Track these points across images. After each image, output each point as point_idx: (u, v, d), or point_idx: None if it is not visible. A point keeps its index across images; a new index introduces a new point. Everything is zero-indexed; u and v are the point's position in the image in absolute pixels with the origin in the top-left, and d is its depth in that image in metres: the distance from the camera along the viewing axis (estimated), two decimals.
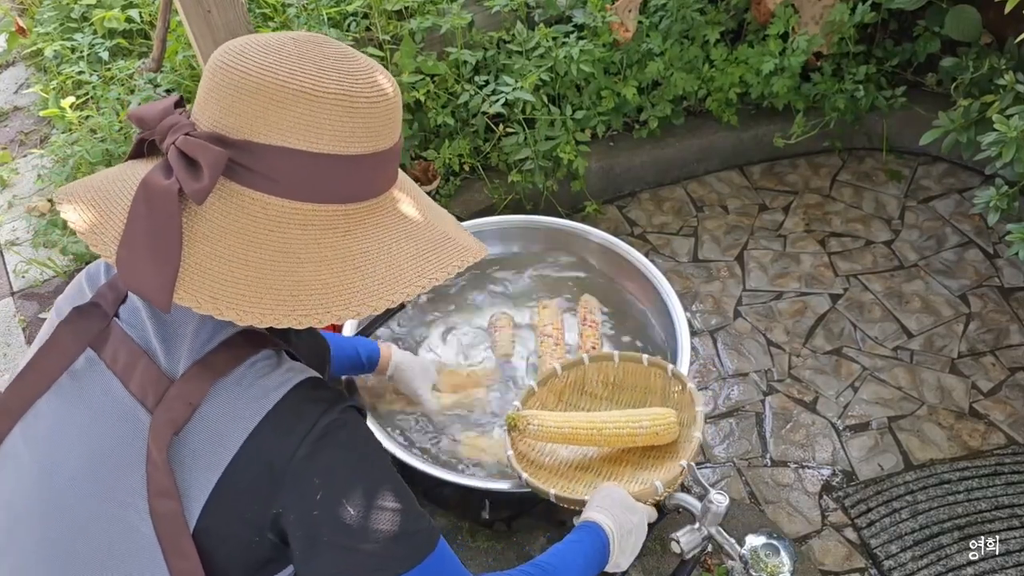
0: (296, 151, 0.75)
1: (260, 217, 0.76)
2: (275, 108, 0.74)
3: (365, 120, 0.77)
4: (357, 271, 0.79)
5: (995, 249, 2.29)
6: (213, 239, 0.76)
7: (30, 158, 2.71)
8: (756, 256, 2.33)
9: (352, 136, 0.77)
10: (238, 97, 0.75)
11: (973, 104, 2.04)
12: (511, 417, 1.35)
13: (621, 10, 2.30)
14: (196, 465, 0.77)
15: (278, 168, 0.75)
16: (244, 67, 0.75)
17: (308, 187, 0.77)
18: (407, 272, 0.81)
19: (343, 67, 0.77)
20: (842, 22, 2.33)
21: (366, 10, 2.29)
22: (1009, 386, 1.97)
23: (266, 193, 0.76)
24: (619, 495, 1.17)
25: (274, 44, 0.77)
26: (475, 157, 2.33)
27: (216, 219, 0.76)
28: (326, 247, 0.78)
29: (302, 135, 0.75)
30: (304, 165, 0.76)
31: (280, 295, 0.76)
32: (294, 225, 0.77)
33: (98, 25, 2.75)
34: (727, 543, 1.17)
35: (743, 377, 2.03)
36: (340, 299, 0.77)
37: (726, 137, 2.54)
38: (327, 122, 0.75)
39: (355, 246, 0.79)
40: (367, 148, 0.79)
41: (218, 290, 0.74)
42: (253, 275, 0.75)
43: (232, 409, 0.78)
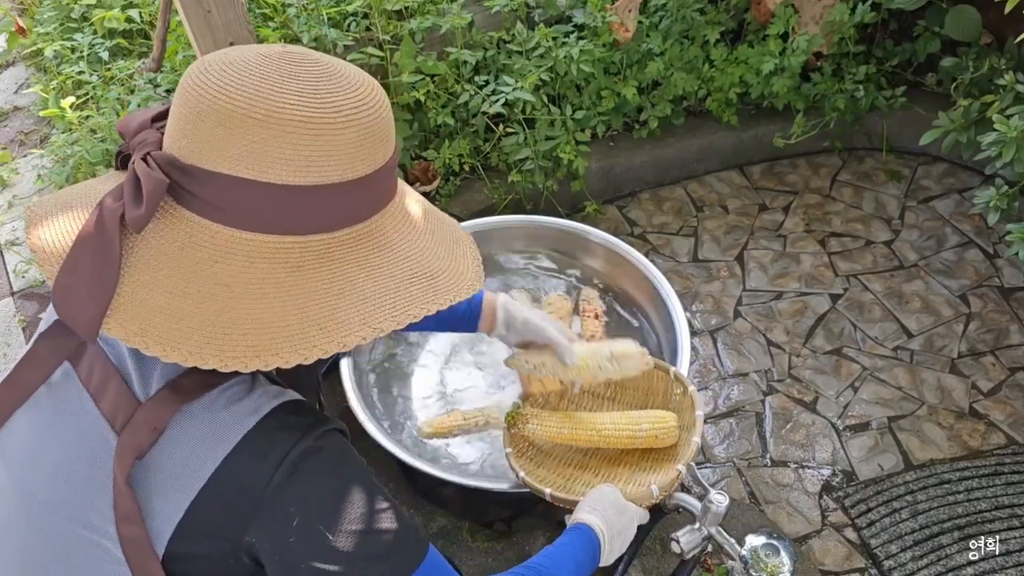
0: (243, 179, 0.70)
1: (206, 247, 0.72)
2: (222, 133, 0.69)
3: (328, 148, 0.71)
4: (298, 311, 0.73)
5: (995, 249, 2.29)
6: (155, 267, 0.71)
7: (30, 158, 2.72)
8: (756, 256, 2.33)
9: (310, 166, 0.71)
10: (190, 119, 0.71)
11: (973, 104, 2.04)
12: (511, 414, 1.35)
13: (621, 10, 2.30)
14: (166, 489, 0.74)
15: (226, 197, 0.71)
16: (201, 87, 0.70)
17: (259, 217, 0.71)
18: (352, 317, 0.74)
19: (309, 88, 0.70)
20: (842, 22, 2.33)
21: (366, 10, 2.29)
22: (1009, 386, 1.97)
23: (214, 222, 0.72)
24: (611, 496, 1.17)
25: (239, 63, 0.71)
26: (475, 157, 2.33)
27: (162, 246, 0.72)
28: (270, 283, 0.72)
29: (251, 164, 0.69)
30: (254, 195, 0.70)
31: (211, 332, 0.71)
32: (240, 256, 0.72)
33: (98, 25, 2.75)
34: (727, 543, 1.17)
35: (743, 377, 2.03)
36: (272, 343, 0.71)
37: (726, 137, 2.54)
38: (280, 151, 0.69)
39: (303, 284, 0.73)
40: (330, 178, 0.72)
41: (148, 323, 0.70)
42: (189, 308, 0.71)
43: (203, 435, 0.75)
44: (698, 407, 1.32)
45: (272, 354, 0.71)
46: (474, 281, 0.84)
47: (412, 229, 0.82)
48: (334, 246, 0.75)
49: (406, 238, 0.81)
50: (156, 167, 0.71)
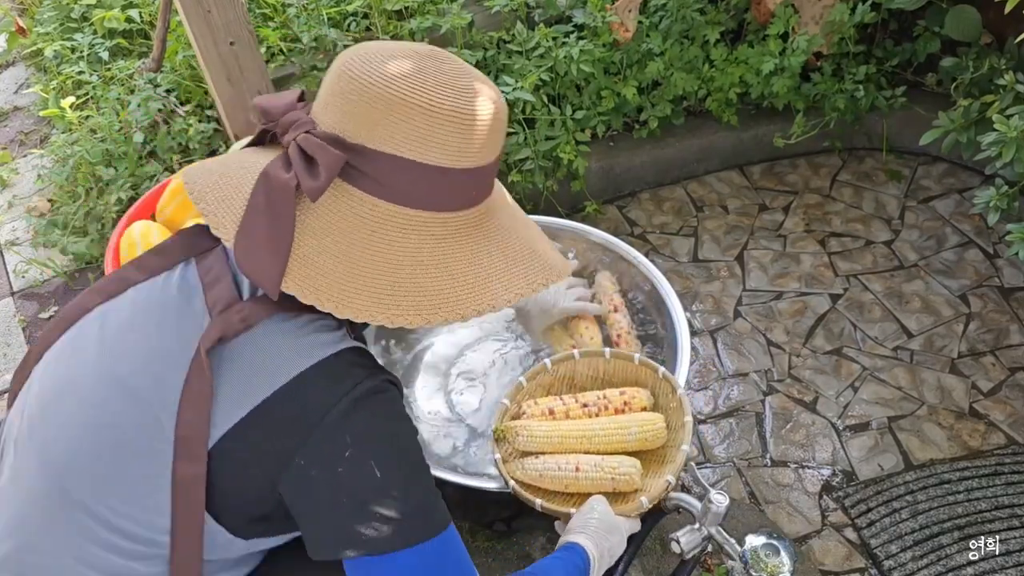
0: (407, 160, 0.80)
1: (367, 218, 0.81)
2: (392, 119, 0.79)
3: (473, 137, 0.82)
4: (452, 277, 0.84)
5: (995, 249, 2.29)
6: (321, 234, 0.81)
7: (30, 158, 2.71)
8: (756, 256, 2.33)
9: (460, 151, 0.82)
10: (358, 104, 0.80)
11: (973, 104, 2.04)
12: (498, 429, 1.32)
13: (621, 10, 2.30)
14: (238, 383, 0.80)
15: (388, 174, 0.81)
16: (368, 76, 0.80)
17: (413, 194, 0.82)
18: (495, 284, 0.86)
19: (459, 84, 0.82)
20: (842, 22, 2.33)
21: (366, 10, 2.29)
22: (1009, 386, 1.97)
23: (374, 196, 0.81)
24: (601, 515, 1.17)
25: (397, 55, 0.82)
26: None
27: (326, 215, 0.81)
28: (424, 252, 0.83)
29: (414, 146, 0.80)
30: (412, 174, 0.81)
31: (377, 294, 0.81)
32: (394, 228, 0.82)
33: (98, 25, 2.75)
34: (727, 543, 1.17)
35: (743, 377, 2.03)
36: (431, 303, 0.82)
37: (726, 137, 2.54)
38: (438, 136, 0.80)
39: (450, 253, 0.84)
40: (471, 163, 0.84)
41: (321, 283, 0.80)
42: (356, 272, 0.81)
43: (286, 346, 0.81)
44: (686, 412, 1.30)
45: (431, 312, 0.82)
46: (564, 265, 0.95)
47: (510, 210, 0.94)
48: (469, 223, 0.87)
49: (510, 217, 0.93)
50: (326, 141, 0.80)
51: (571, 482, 1.26)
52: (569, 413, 1.34)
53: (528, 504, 1.26)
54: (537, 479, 1.28)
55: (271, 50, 2.30)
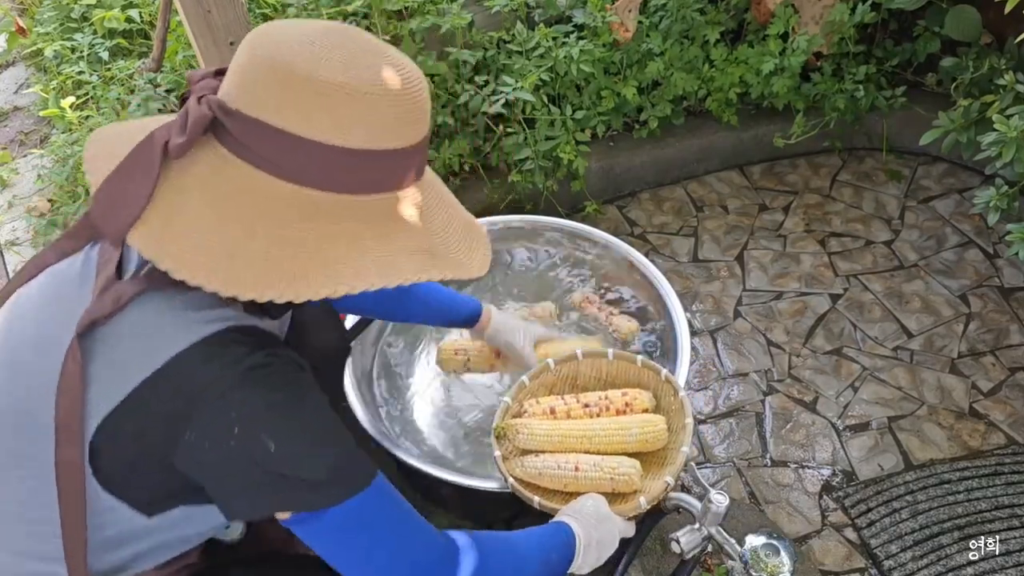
0: (274, 128, 0.76)
1: (232, 180, 0.77)
2: (265, 83, 0.76)
3: (361, 116, 0.76)
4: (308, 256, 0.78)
5: (995, 249, 2.29)
6: (186, 192, 0.78)
7: (30, 158, 2.71)
8: (756, 256, 2.33)
9: (337, 127, 0.76)
10: (245, 68, 0.78)
11: (973, 104, 2.04)
12: (499, 427, 1.33)
13: (621, 10, 2.30)
14: (113, 366, 0.79)
15: (255, 140, 0.77)
16: (259, 40, 0.78)
17: (284, 164, 0.77)
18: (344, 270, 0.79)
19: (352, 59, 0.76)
20: (842, 22, 2.33)
21: (366, 10, 2.29)
22: (1009, 386, 1.97)
23: (247, 163, 0.78)
24: (595, 507, 1.17)
25: (301, 25, 0.78)
26: (475, 157, 2.33)
27: (195, 174, 0.78)
28: (283, 226, 0.77)
29: (285, 115, 0.75)
30: (282, 143, 0.76)
31: (216, 258, 0.76)
32: (258, 195, 0.77)
33: (98, 25, 2.75)
34: (727, 543, 1.17)
35: (743, 377, 2.03)
36: (268, 277, 0.76)
37: (726, 137, 2.54)
38: (313, 108, 0.75)
39: (308, 232, 0.78)
40: (357, 143, 0.77)
41: (167, 239, 0.76)
42: (204, 232, 0.77)
43: (163, 325, 0.80)
44: (687, 413, 1.30)
45: (267, 287, 0.76)
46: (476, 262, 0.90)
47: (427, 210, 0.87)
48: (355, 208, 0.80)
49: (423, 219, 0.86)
50: (206, 106, 0.77)
51: (570, 481, 1.26)
52: (570, 412, 1.34)
53: (526, 501, 1.26)
54: (536, 477, 1.28)
55: None
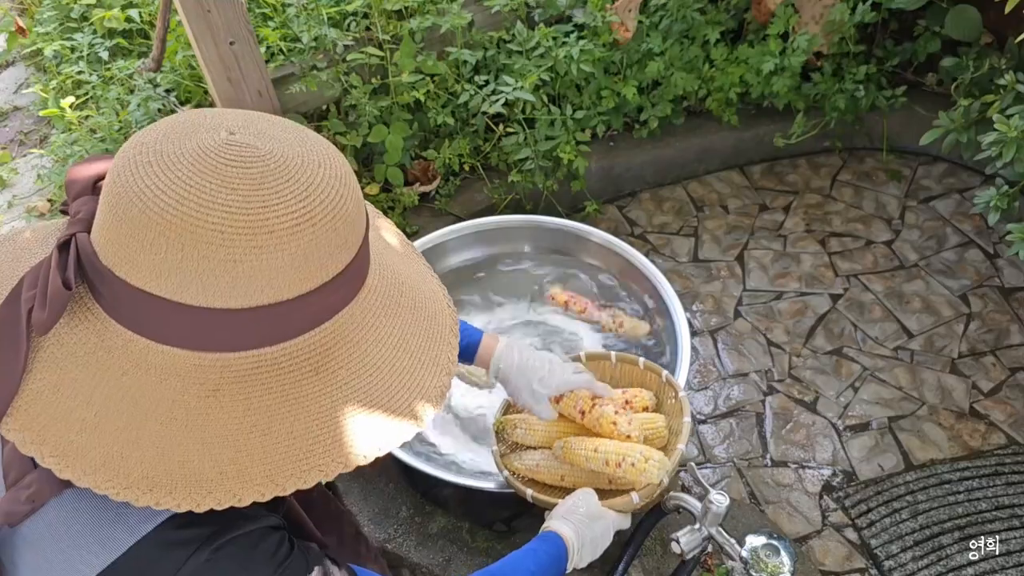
0: (154, 297, 0.61)
1: (118, 354, 0.63)
2: (135, 244, 0.60)
3: (254, 272, 0.61)
4: (202, 447, 0.63)
5: (995, 249, 2.29)
6: (63, 368, 0.63)
7: (30, 158, 2.71)
8: (756, 256, 2.33)
9: (233, 289, 0.61)
10: (110, 217, 0.62)
11: (973, 104, 2.04)
12: (499, 422, 1.35)
13: (621, 10, 2.30)
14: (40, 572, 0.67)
15: (136, 308, 0.62)
16: (125, 182, 0.61)
17: (174, 333, 0.63)
18: (255, 468, 0.64)
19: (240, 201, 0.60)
20: (842, 22, 2.33)
21: (366, 10, 2.29)
22: (1009, 386, 1.97)
23: (128, 328, 0.63)
24: (586, 504, 1.16)
25: (172, 156, 0.61)
26: (475, 157, 2.33)
27: (72, 345, 0.64)
28: (179, 406, 0.63)
29: (163, 282, 0.60)
30: (165, 312, 0.62)
31: (109, 453, 0.62)
32: (152, 371, 0.63)
33: (98, 25, 2.75)
34: (727, 543, 1.17)
35: (743, 377, 2.03)
36: (168, 479, 0.62)
37: (726, 137, 2.54)
38: (194, 272, 0.60)
39: (215, 413, 0.63)
40: (257, 300, 0.62)
41: (47, 431, 0.62)
42: (91, 420, 0.63)
43: (85, 534, 0.66)
44: (686, 413, 1.30)
45: (166, 493, 0.62)
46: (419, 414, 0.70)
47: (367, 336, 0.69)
48: (262, 367, 0.64)
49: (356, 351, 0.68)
50: (72, 260, 0.63)
51: (566, 472, 1.28)
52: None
53: (520, 494, 1.27)
54: (534, 470, 1.30)
55: (271, 50, 2.30)
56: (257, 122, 0.66)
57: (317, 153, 0.65)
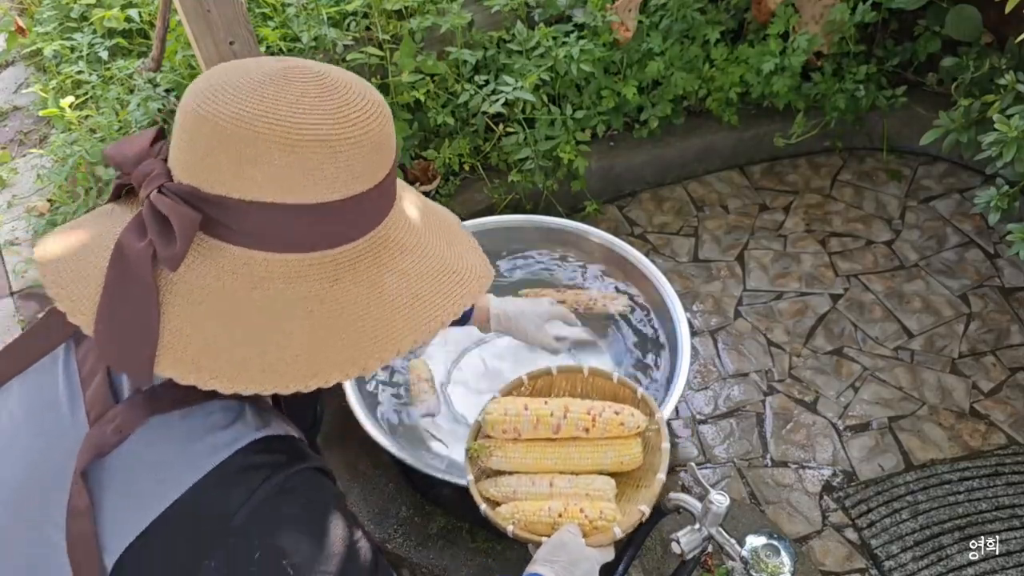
0: (274, 205, 0.69)
1: (242, 274, 0.71)
2: (248, 162, 0.68)
3: (348, 163, 0.71)
4: (348, 326, 0.73)
5: (996, 249, 2.29)
6: (194, 301, 0.70)
7: (29, 158, 2.71)
8: (756, 256, 2.33)
9: (335, 182, 0.70)
10: (210, 149, 0.69)
11: (973, 104, 2.04)
12: (473, 448, 1.29)
13: (621, 9, 2.30)
14: (127, 497, 0.73)
15: (256, 223, 0.70)
16: (215, 115, 0.68)
17: (290, 239, 0.71)
18: (399, 324, 0.75)
19: (324, 106, 0.70)
20: (842, 22, 2.32)
21: (366, 10, 2.29)
22: (1010, 386, 1.97)
23: (248, 248, 0.71)
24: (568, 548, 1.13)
25: (245, 85, 0.69)
26: (475, 157, 2.33)
27: (196, 280, 0.71)
28: (313, 300, 0.72)
29: (278, 188, 0.69)
30: (284, 218, 0.70)
31: (266, 359, 0.70)
32: (278, 280, 0.71)
33: (97, 25, 2.75)
34: (727, 543, 1.17)
35: (743, 377, 2.02)
36: (327, 361, 0.72)
37: (726, 137, 2.54)
38: (304, 172, 0.69)
39: (345, 297, 0.73)
40: (352, 190, 0.72)
41: (201, 359, 0.70)
42: (238, 338, 0.70)
43: (172, 457, 0.73)
44: (664, 437, 1.25)
45: (331, 369, 0.71)
46: (485, 273, 0.84)
47: (416, 228, 0.82)
48: (361, 254, 0.75)
49: (415, 237, 0.81)
50: (179, 200, 0.69)
51: (544, 497, 1.22)
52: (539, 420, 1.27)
53: (500, 529, 1.22)
54: (511, 496, 1.25)
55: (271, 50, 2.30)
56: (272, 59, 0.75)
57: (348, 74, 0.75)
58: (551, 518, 1.18)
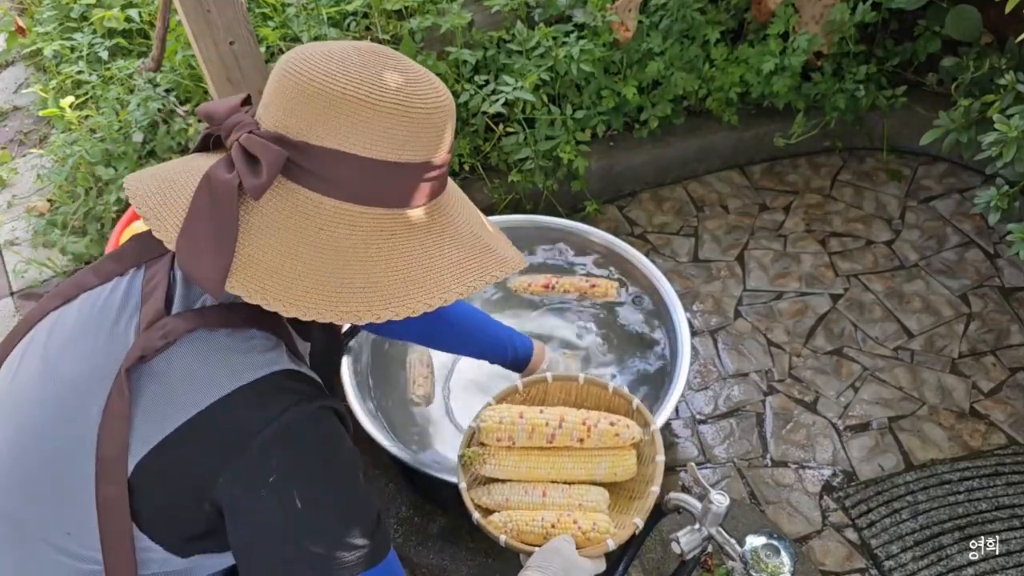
0: (351, 155, 0.78)
1: (312, 215, 0.79)
2: (334, 113, 0.77)
3: (420, 129, 0.81)
4: (399, 272, 0.82)
5: (996, 249, 2.29)
6: (267, 232, 0.79)
7: (29, 158, 2.71)
8: (756, 256, 2.33)
9: (406, 144, 0.80)
10: (300, 101, 0.78)
11: (973, 104, 2.04)
12: (466, 455, 1.28)
13: (621, 9, 2.30)
14: (161, 400, 0.79)
15: (333, 170, 0.79)
16: (308, 72, 0.78)
17: (360, 190, 0.80)
18: (446, 277, 0.84)
19: (402, 77, 0.80)
20: (842, 21, 2.32)
21: (366, 10, 2.29)
22: (1010, 386, 1.97)
23: (320, 193, 0.79)
24: (561, 557, 1.13)
25: (338, 53, 0.80)
26: (475, 157, 2.33)
27: (271, 214, 0.79)
28: (372, 248, 0.81)
29: (358, 140, 0.78)
30: (358, 169, 0.79)
31: (325, 291, 0.79)
32: (343, 225, 0.80)
33: (97, 25, 2.75)
34: (727, 543, 1.17)
35: (743, 377, 2.02)
36: (381, 299, 0.80)
37: (726, 137, 2.54)
38: (382, 129, 0.78)
39: (399, 249, 0.82)
40: (419, 157, 0.82)
41: (267, 282, 0.77)
42: (302, 270, 0.78)
43: (212, 366, 0.79)
44: (659, 451, 1.24)
45: (382, 307, 0.80)
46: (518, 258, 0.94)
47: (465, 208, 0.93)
48: (419, 219, 0.85)
49: (464, 215, 0.91)
50: (268, 136, 0.78)
51: (537, 507, 1.22)
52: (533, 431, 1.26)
53: (492, 538, 1.21)
54: (503, 504, 1.24)
55: (271, 50, 2.30)
56: None
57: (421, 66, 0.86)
58: (543, 529, 1.18)
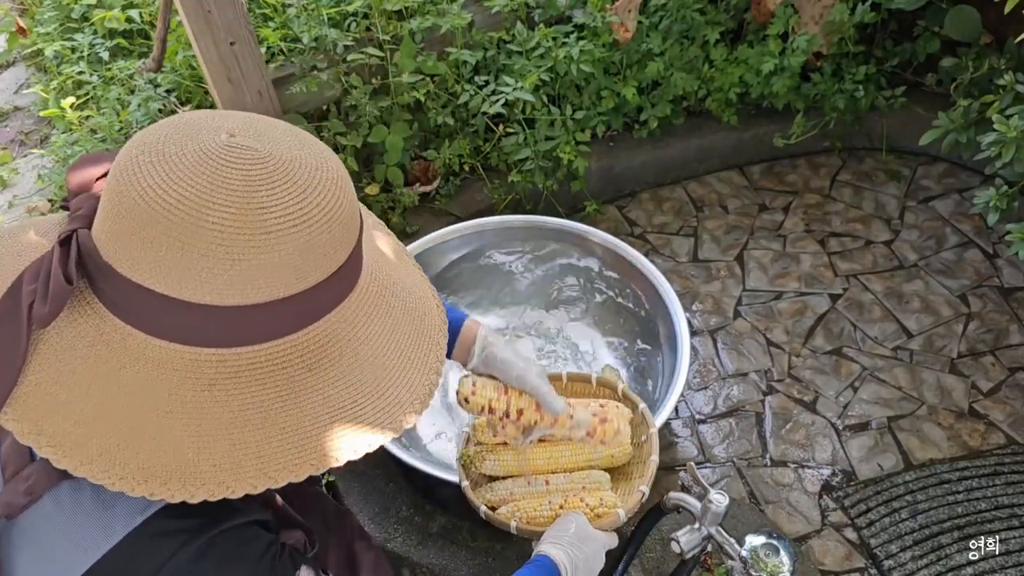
0: (154, 293, 0.63)
1: (116, 348, 0.65)
2: (137, 241, 0.62)
3: (251, 271, 0.63)
4: (196, 440, 0.65)
5: (995, 249, 2.29)
6: (62, 361, 0.65)
7: (30, 158, 2.72)
8: (756, 256, 2.33)
9: (230, 287, 0.63)
10: (113, 213, 0.63)
11: (973, 104, 2.04)
12: (465, 456, 1.28)
13: (621, 10, 2.30)
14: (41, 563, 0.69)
15: (137, 304, 0.64)
16: (129, 180, 0.63)
17: (171, 329, 0.64)
18: (248, 461, 0.65)
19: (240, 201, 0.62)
20: (842, 22, 2.33)
21: (366, 10, 2.29)
22: (1009, 386, 1.97)
23: (126, 323, 0.65)
24: (575, 526, 1.13)
25: (174, 156, 0.63)
26: (475, 157, 2.33)
27: (71, 339, 0.65)
28: (175, 400, 0.65)
29: (163, 278, 0.62)
30: (164, 308, 0.63)
31: (106, 443, 0.64)
32: (149, 364, 0.65)
33: (98, 25, 2.75)
34: (727, 543, 1.17)
35: (743, 377, 2.03)
36: (163, 471, 0.64)
37: (726, 137, 2.54)
38: (195, 270, 0.62)
39: (210, 407, 0.65)
40: (253, 299, 0.64)
41: (45, 422, 0.63)
42: (89, 412, 0.64)
43: (83, 524, 0.67)
44: (651, 424, 1.25)
45: (160, 483, 0.63)
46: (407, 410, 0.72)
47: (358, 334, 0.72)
48: (257, 363, 0.66)
49: (347, 349, 0.71)
50: (73, 255, 0.64)
51: (543, 494, 1.23)
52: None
53: (502, 528, 1.22)
54: (507, 498, 1.24)
55: (271, 50, 2.30)
56: (257, 124, 0.67)
57: (314, 156, 0.67)
58: (552, 510, 1.19)
